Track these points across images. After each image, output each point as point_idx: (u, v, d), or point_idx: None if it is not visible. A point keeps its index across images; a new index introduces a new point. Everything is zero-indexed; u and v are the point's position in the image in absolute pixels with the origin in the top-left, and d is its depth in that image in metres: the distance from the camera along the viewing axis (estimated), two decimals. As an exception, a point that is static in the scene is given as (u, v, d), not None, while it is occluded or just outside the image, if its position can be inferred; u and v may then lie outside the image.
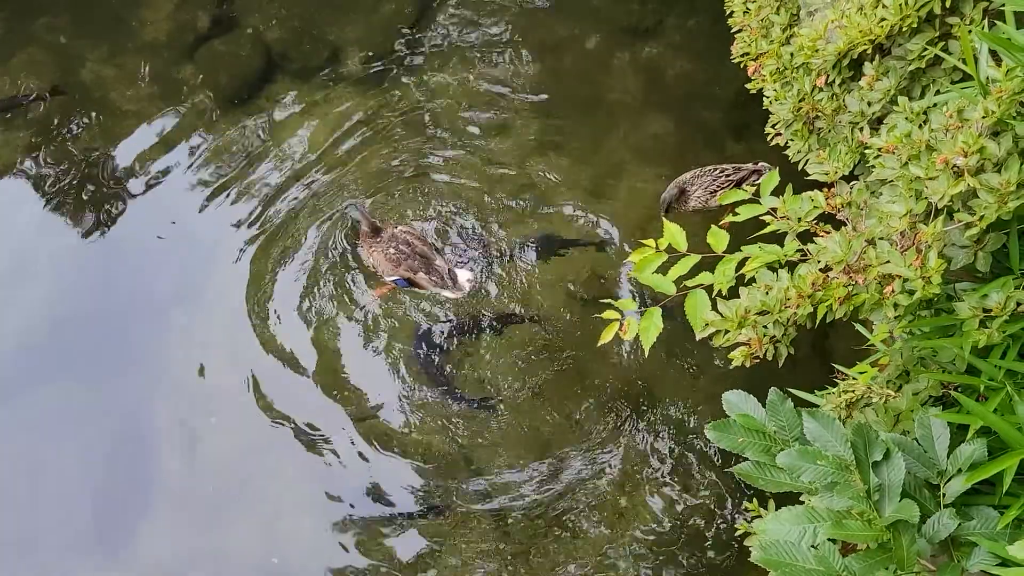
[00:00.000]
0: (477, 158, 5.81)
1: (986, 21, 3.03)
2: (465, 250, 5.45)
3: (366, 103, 6.09)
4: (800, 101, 3.74)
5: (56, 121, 6.15)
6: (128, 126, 6.11)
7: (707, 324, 2.60)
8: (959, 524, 2.37)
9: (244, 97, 6.19)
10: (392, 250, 5.09)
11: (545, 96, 6.02)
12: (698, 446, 4.77)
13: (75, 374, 5.23)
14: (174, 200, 5.85)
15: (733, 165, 5.22)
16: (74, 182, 5.96)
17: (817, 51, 3.55)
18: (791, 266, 2.66)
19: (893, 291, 2.41)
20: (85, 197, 5.89)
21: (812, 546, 2.31)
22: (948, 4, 3.13)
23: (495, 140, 5.90)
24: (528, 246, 5.42)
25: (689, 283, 2.70)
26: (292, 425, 5.01)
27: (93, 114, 6.21)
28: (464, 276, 5.13)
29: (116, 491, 4.89)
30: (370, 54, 6.31)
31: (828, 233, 2.65)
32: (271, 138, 6.02)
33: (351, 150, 5.93)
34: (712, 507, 4.60)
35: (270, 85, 6.22)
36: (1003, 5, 2.76)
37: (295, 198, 5.76)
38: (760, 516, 3.13)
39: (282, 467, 4.92)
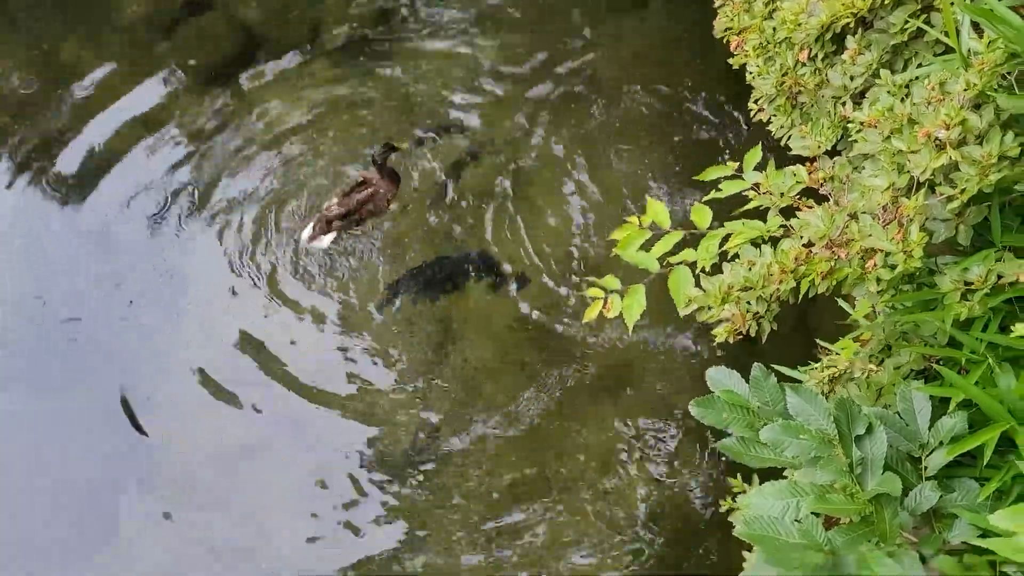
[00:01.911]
0: (461, 134, 5.79)
1: (968, -7, 3.00)
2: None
3: (346, 80, 6.04)
4: (783, 76, 3.71)
5: (31, 101, 6.07)
6: (104, 106, 6.03)
7: (690, 300, 2.59)
8: (940, 496, 2.38)
9: (222, 75, 6.13)
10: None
11: (528, 72, 5.99)
12: (681, 424, 4.79)
13: (45, 369, 5.16)
14: (150, 180, 5.79)
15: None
16: (48, 163, 5.89)
17: (800, 25, 3.51)
18: (774, 241, 2.66)
19: (875, 265, 2.41)
20: (60, 178, 5.82)
21: (795, 520, 2.31)
22: (930, -24, 3.11)
23: (479, 116, 5.87)
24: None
25: (672, 260, 2.69)
26: (282, 408, 4.98)
27: (69, 94, 6.13)
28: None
29: (96, 488, 4.83)
30: (350, 31, 6.25)
31: (811, 208, 2.64)
32: (249, 116, 5.96)
33: (330, 127, 5.90)
34: (695, 484, 4.62)
35: (248, 63, 6.16)
36: (985, -24, 2.74)
37: (272, 175, 5.73)
38: (744, 492, 3.14)
39: (271, 455, 4.89)
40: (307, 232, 5.41)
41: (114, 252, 5.52)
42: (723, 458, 4.54)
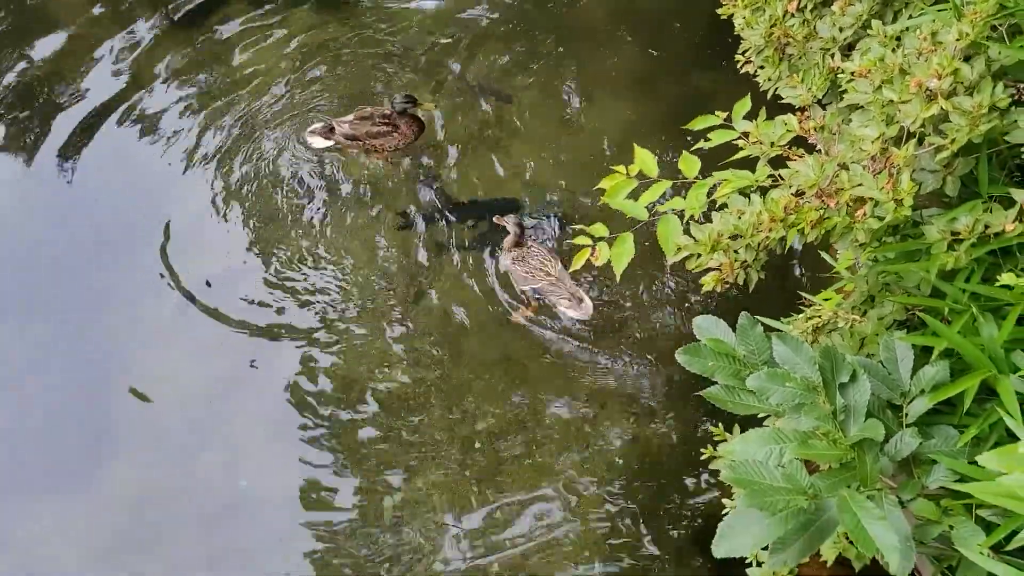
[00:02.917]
0: (438, 84, 5.72)
1: (961, -57, 2.98)
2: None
3: (323, 26, 5.94)
4: (771, 27, 3.67)
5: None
6: (73, 49, 5.88)
7: (679, 248, 2.59)
8: (920, 443, 2.43)
9: (195, 19, 5.99)
10: (531, 263, 5.00)
11: (513, 21, 5.91)
12: (663, 372, 4.83)
13: (33, 310, 5.11)
14: (123, 124, 5.69)
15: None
16: (17, 110, 5.74)
17: (789, -25, 3.48)
18: (763, 191, 2.65)
19: (864, 214, 2.42)
20: (28, 124, 5.69)
21: (779, 465, 2.35)
22: (923, -74, 3.08)
23: (459, 65, 5.79)
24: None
25: (661, 208, 2.68)
26: (261, 337, 4.99)
27: (35, 39, 5.96)
28: (589, 302, 4.96)
29: (79, 423, 4.83)
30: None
31: (801, 157, 2.64)
32: (222, 62, 5.85)
33: (304, 73, 5.82)
34: (676, 432, 4.68)
35: (222, 7, 6.02)
36: (979, -74, 2.72)
37: (246, 121, 5.67)
38: (725, 440, 3.18)
39: (250, 388, 4.90)
40: (314, 126, 5.50)
41: (81, 190, 5.47)
42: (704, 407, 4.60)
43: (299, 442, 4.75)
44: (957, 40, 2.46)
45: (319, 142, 5.50)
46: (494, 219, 5.15)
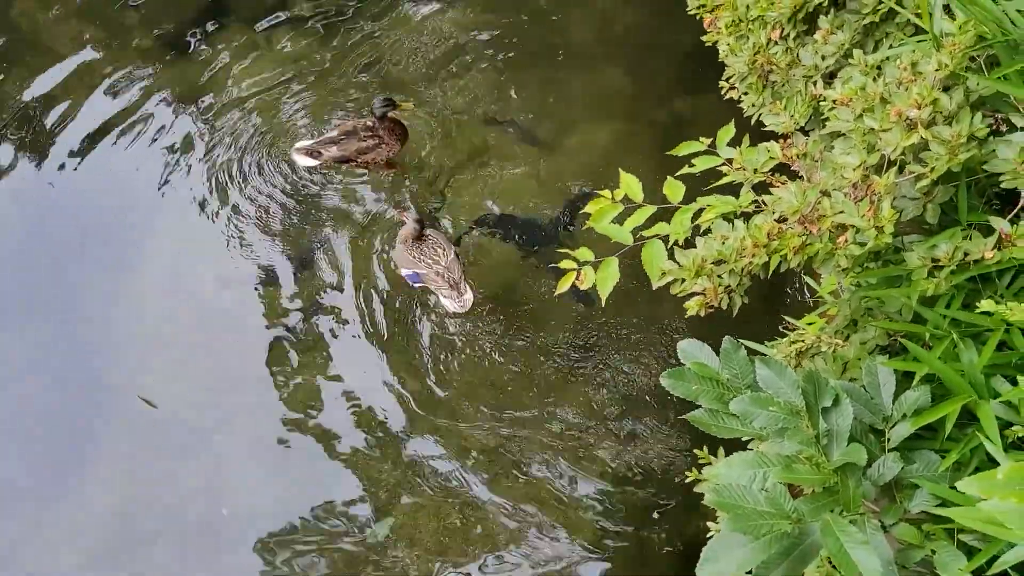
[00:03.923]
0: (430, 108, 5.75)
1: (940, -25, 3.05)
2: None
3: (314, 48, 5.97)
4: (755, 54, 3.73)
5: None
6: (64, 70, 5.90)
7: (664, 273, 2.61)
8: (902, 467, 2.45)
9: (187, 41, 6.01)
10: (423, 249, 4.98)
11: (497, 48, 5.95)
12: (649, 396, 4.84)
13: (9, 319, 5.11)
14: (113, 146, 5.70)
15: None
16: (7, 128, 5.74)
17: (772, 4, 3.53)
18: (747, 217, 2.68)
19: (846, 241, 2.45)
20: (19, 142, 5.69)
21: (763, 490, 2.36)
22: (902, -42, 3.15)
23: (445, 89, 5.83)
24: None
25: (646, 233, 2.71)
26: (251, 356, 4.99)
27: (27, 57, 5.97)
28: (469, 295, 4.99)
29: (58, 435, 4.81)
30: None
31: (784, 184, 2.67)
32: (214, 83, 5.87)
33: (296, 95, 5.84)
34: (661, 456, 4.69)
35: (214, 29, 6.04)
36: (958, -41, 2.78)
37: (239, 141, 5.69)
38: (709, 463, 3.19)
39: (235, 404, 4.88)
40: (302, 143, 5.48)
41: (69, 208, 5.50)
42: (692, 434, 4.61)
43: (290, 457, 4.72)
44: (936, 70, 2.50)
45: (306, 161, 5.49)
46: (394, 208, 5.24)
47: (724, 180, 2.86)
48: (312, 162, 5.47)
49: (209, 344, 5.08)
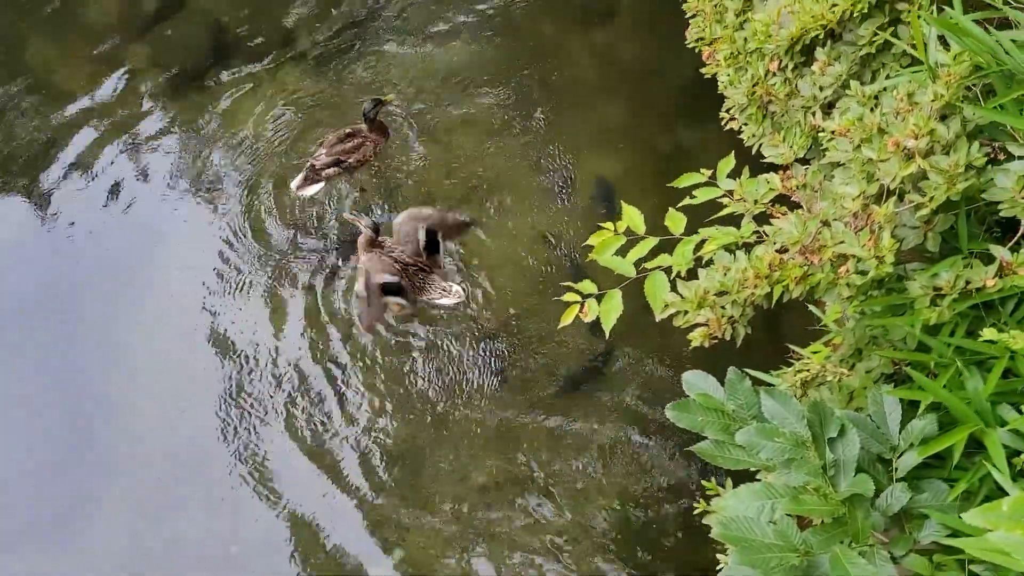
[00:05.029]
0: (432, 142, 5.81)
1: (934, 7, 3.09)
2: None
3: (319, 84, 6.04)
4: (754, 86, 3.77)
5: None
6: (75, 111, 5.99)
7: (667, 305, 2.62)
8: (911, 497, 2.44)
9: (194, 79, 6.09)
10: (387, 259, 5.03)
11: (500, 79, 6.02)
12: (655, 427, 4.83)
13: (22, 358, 5.16)
14: (123, 184, 5.76)
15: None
16: (17, 168, 5.82)
17: (770, 36, 3.58)
18: (748, 247, 2.70)
19: (848, 271, 2.46)
20: (30, 183, 5.76)
21: (771, 521, 2.35)
22: (897, -10, 3.20)
23: (448, 124, 5.88)
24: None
25: (648, 265, 2.72)
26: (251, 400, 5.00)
27: (38, 98, 6.06)
28: (458, 288, 5.06)
29: (63, 477, 4.81)
30: (324, 35, 6.24)
31: (784, 215, 2.69)
32: (221, 121, 5.94)
33: (303, 132, 5.90)
34: (669, 487, 4.66)
35: (220, 67, 6.13)
36: (951, -9, 2.82)
37: (245, 179, 5.73)
38: (717, 495, 3.17)
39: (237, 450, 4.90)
40: (296, 181, 5.52)
41: (78, 248, 5.56)
42: (696, 461, 4.59)
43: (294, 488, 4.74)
44: (932, 101, 2.53)
45: (310, 189, 5.54)
46: (345, 215, 5.29)
47: (725, 211, 2.88)
48: (316, 186, 5.52)
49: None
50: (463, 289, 5.04)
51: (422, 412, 4.97)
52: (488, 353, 5.10)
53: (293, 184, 5.53)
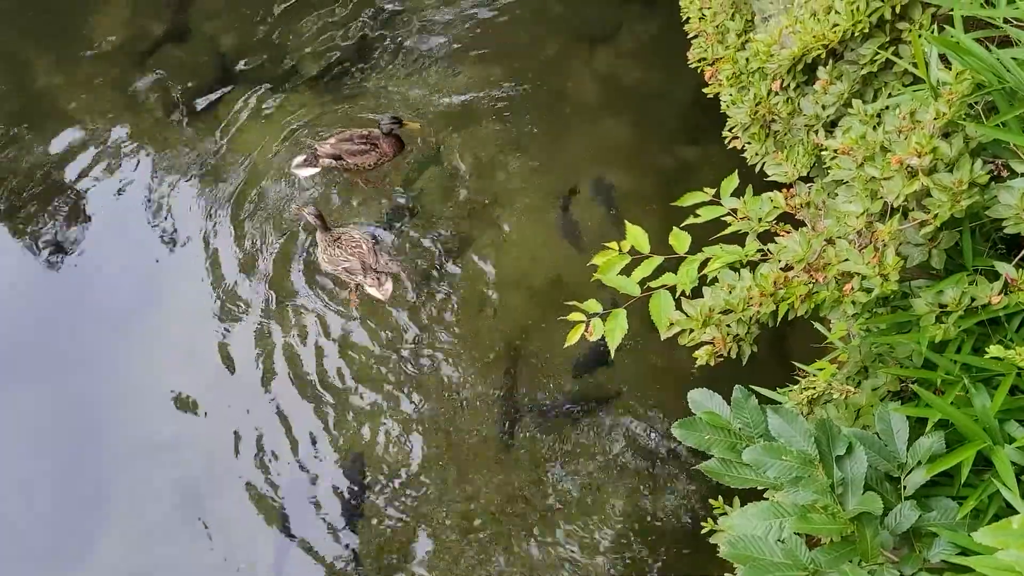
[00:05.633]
0: (433, 162, 5.85)
1: (935, 26, 3.11)
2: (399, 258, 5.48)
3: (324, 110, 6.07)
4: (756, 105, 3.79)
5: (2, 132, 6.04)
6: (82, 138, 6.03)
7: (672, 324, 2.62)
8: (920, 515, 2.42)
9: (199, 105, 6.13)
10: (344, 246, 5.27)
11: (504, 102, 6.05)
12: (663, 445, 4.81)
13: (26, 384, 5.14)
14: (128, 211, 5.78)
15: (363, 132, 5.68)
16: (24, 195, 5.85)
17: (772, 56, 3.60)
18: (752, 266, 2.70)
19: (852, 288, 2.46)
20: (37, 211, 5.79)
21: (779, 540, 2.34)
22: (898, 10, 3.21)
23: (454, 145, 5.91)
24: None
25: (653, 284, 2.73)
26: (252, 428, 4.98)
27: (44, 124, 6.10)
28: (389, 285, 5.25)
29: (69, 502, 4.80)
30: (328, 61, 6.28)
31: (788, 233, 2.70)
32: (227, 146, 5.96)
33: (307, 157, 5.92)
34: (677, 505, 4.64)
35: (226, 93, 6.17)
36: (952, 10, 2.85)
37: (252, 207, 5.74)
38: (725, 513, 3.16)
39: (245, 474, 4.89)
40: (297, 160, 5.69)
41: (85, 277, 5.55)
42: (707, 482, 4.57)
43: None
44: (935, 119, 2.54)
45: (306, 171, 5.68)
46: (293, 208, 5.48)
47: (729, 230, 2.89)
48: (312, 169, 5.67)
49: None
50: (389, 291, 5.21)
51: (430, 430, 4.97)
52: (491, 377, 5.11)
53: (294, 162, 5.70)
